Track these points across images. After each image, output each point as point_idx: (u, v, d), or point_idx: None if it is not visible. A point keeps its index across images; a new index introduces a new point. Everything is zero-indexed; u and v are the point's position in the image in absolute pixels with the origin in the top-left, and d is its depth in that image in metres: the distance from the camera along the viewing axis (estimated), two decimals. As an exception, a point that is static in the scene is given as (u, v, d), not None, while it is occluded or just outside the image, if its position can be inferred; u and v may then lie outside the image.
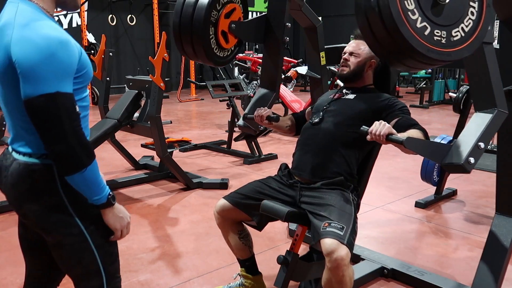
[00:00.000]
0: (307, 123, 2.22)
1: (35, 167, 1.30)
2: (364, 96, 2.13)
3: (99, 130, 4.00)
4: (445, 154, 1.71)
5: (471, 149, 1.68)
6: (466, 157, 1.66)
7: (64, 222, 1.32)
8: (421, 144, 1.70)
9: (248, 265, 2.25)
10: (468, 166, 1.66)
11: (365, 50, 2.14)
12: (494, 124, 1.81)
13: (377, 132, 1.68)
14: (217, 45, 2.32)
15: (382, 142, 1.69)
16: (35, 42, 1.19)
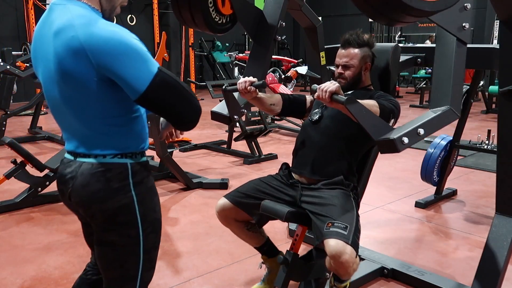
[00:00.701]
0: (307, 120, 2.21)
1: (110, 167, 1.30)
2: (361, 93, 2.12)
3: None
4: (383, 132, 1.65)
5: (409, 130, 1.64)
6: (400, 135, 1.61)
7: (129, 223, 1.33)
8: (363, 111, 1.65)
9: (266, 250, 2.25)
10: (399, 145, 1.60)
11: (357, 57, 2.10)
12: (441, 118, 1.77)
13: (325, 88, 1.67)
14: (215, 10, 2.28)
15: (327, 100, 1.67)
16: (112, 41, 1.19)
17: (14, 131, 6.66)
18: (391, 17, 1.53)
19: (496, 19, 8.84)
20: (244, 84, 2.03)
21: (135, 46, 1.21)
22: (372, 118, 1.67)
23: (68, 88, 1.25)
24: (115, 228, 1.33)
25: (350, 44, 2.11)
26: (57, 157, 3.82)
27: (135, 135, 1.35)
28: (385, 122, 1.71)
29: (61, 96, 1.27)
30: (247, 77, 2.06)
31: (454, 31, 1.85)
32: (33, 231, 3.16)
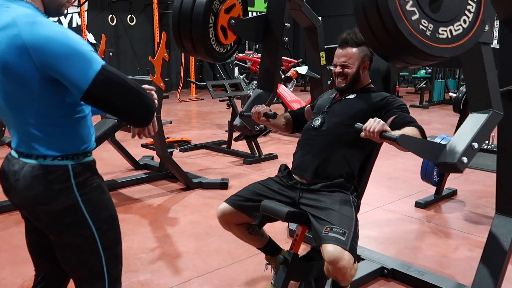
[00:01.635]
0: (307, 125, 2.21)
1: (51, 169, 1.29)
2: (364, 96, 2.13)
3: (99, 130, 4.00)
4: (439, 153, 1.70)
5: (465, 149, 1.68)
6: (459, 157, 1.65)
7: (77, 223, 1.32)
8: (415, 142, 1.68)
9: (269, 250, 2.26)
10: (461, 166, 1.65)
11: (355, 56, 2.10)
12: (489, 125, 1.80)
13: (371, 129, 1.67)
14: (216, 40, 2.30)
15: (376, 139, 1.68)
16: (55, 41, 1.18)
17: (14, 131, 6.65)
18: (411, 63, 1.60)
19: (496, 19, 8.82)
20: (257, 115, 2.22)
21: (77, 45, 1.21)
22: (424, 145, 1.73)
23: (9, 85, 1.25)
24: (66, 230, 1.33)
25: (348, 43, 2.11)
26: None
27: (77, 136, 1.34)
28: (436, 143, 1.79)
29: (2, 92, 1.27)
30: (260, 107, 2.22)
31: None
32: (33, 231, 3.15)
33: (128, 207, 3.65)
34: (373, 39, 1.58)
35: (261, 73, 2.64)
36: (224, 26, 2.31)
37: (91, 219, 1.33)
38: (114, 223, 1.41)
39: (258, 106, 2.24)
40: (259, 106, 2.24)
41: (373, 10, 1.50)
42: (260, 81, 2.62)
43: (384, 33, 1.51)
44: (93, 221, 1.34)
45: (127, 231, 3.17)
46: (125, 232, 3.14)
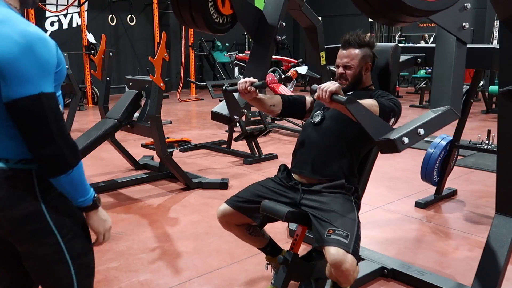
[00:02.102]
0: (308, 121, 2.20)
1: (13, 173, 1.22)
2: (361, 93, 2.12)
3: (99, 130, 4.00)
4: (384, 132, 1.65)
5: (409, 130, 1.64)
6: (400, 136, 1.60)
7: (41, 231, 1.25)
8: (363, 111, 1.64)
9: (269, 250, 2.26)
10: (400, 145, 1.59)
11: (358, 57, 2.10)
12: (442, 119, 1.77)
13: (325, 88, 1.67)
14: (215, 9, 2.28)
15: (326, 101, 1.67)
16: (13, 39, 1.13)
17: (14, 131, 6.65)
18: (391, 17, 1.53)
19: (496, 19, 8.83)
20: (244, 84, 2.01)
21: (38, 53, 1.15)
22: (372, 118, 1.66)
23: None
24: (30, 237, 1.26)
25: (351, 44, 2.11)
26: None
27: None
28: (385, 122, 1.71)
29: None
30: (248, 78, 2.05)
31: (454, 31, 1.85)
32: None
33: (128, 207, 3.65)
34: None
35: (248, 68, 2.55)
36: None
37: (56, 227, 1.26)
38: (81, 231, 1.34)
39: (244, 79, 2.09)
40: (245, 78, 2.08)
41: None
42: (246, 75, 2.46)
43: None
44: (57, 229, 1.26)
45: (127, 231, 3.17)
46: (125, 232, 3.14)
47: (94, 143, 3.92)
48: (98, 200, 1.33)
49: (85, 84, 9.69)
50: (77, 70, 9.57)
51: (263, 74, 2.47)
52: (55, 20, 10.08)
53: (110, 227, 1.39)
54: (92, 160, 4.89)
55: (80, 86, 8.05)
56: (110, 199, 3.82)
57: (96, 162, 4.95)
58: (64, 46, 9.87)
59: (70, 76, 5.93)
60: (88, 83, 9.71)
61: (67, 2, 9.82)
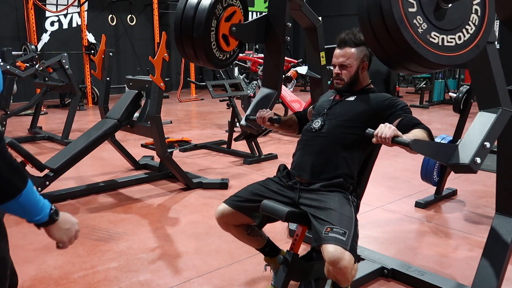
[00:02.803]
0: (307, 126, 2.21)
1: None
2: (364, 97, 2.12)
3: (99, 130, 4.00)
4: (451, 155, 1.71)
5: (477, 149, 1.68)
6: (472, 157, 1.66)
7: None
8: (427, 146, 1.70)
9: (267, 251, 2.26)
10: (474, 166, 1.67)
11: (354, 56, 2.09)
12: (499, 123, 1.80)
13: (383, 135, 1.69)
14: (218, 48, 2.32)
15: (388, 144, 1.71)
16: None
17: (14, 131, 6.66)
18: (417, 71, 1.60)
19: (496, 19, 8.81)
20: (262, 120, 2.29)
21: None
22: (434, 147, 1.75)
23: None
24: None
25: (347, 43, 2.10)
26: (57, 157, 3.82)
27: None
28: (446, 144, 1.83)
29: None
30: (265, 112, 2.28)
31: None
32: (33, 231, 3.13)
33: (128, 207, 3.65)
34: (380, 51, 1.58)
35: (265, 72, 2.67)
36: (226, 34, 2.33)
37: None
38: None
39: (262, 111, 2.29)
40: (263, 111, 2.29)
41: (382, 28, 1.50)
42: (265, 80, 2.65)
43: (390, 43, 1.51)
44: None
45: (127, 231, 3.17)
46: (125, 232, 3.14)
47: (94, 143, 3.92)
48: (56, 213, 1.24)
49: (85, 84, 9.69)
50: (77, 70, 9.57)
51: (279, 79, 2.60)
52: (55, 20, 10.08)
53: (76, 231, 1.31)
54: (92, 160, 4.89)
55: (80, 86, 8.05)
56: (110, 199, 3.82)
57: (96, 162, 4.95)
58: (64, 46, 9.89)
59: (70, 76, 5.94)
60: (88, 83, 9.71)
61: (67, 2, 9.83)
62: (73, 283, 2.47)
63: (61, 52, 6.57)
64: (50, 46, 10.00)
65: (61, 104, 9.42)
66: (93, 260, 2.73)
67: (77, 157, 3.82)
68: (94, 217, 3.41)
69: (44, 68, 5.88)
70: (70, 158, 3.75)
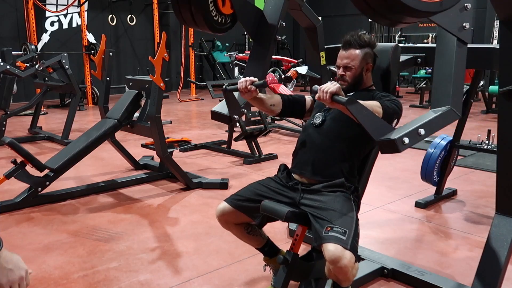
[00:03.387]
0: (308, 122, 2.20)
1: None
2: (362, 94, 2.12)
3: (99, 130, 4.00)
4: (384, 132, 1.65)
5: (409, 131, 1.64)
6: (401, 136, 1.61)
7: None
8: (364, 112, 1.65)
9: (267, 251, 2.26)
10: (400, 145, 1.60)
11: (358, 58, 2.09)
12: (442, 119, 1.77)
13: (325, 89, 1.68)
14: (215, 8, 2.28)
15: (327, 101, 1.68)
16: None
17: (14, 131, 6.66)
18: (391, 18, 1.53)
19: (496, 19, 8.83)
20: (245, 83, 2.03)
21: None
22: (373, 119, 1.67)
23: None
24: None
25: (351, 45, 2.10)
26: (57, 157, 3.82)
27: None
28: (386, 123, 1.72)
29: None
30: (248, 77, 2.06)
31: (455, 31, 1.85)
32: (33, 231, 3.16)
33: (128, 207, 3.64)
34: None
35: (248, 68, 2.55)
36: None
37: None
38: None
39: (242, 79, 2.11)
40: (243, 78, 2.10)
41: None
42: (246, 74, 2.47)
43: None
44: None
45: (127, 231, 3.17)
46: (125, 232, 3.14)
47: (94, 143, 3.92)
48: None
49: (85, 84, 9.69)
50: (77, 70, 9.57)
51: (263, 73, 2.48)
52: (55, 20, 10.08)
53: (20, 277, 1.13)
54: (92, 160, 4.89)
55: (80, 86, 8.05)
56: (110, 199, 3.82)
57: (96, 162, 4.95)
58: (64, 46, 9.89)
59: (70, 76, 5.94)
60: (88, 83, 9.71)
61: (67, 2, 9.83)
62: (73, 283, 2.47)
63: (61, 52, 6.56)
64: (50, 46, 10.00)
65: (61, 104, 9.42)
66: (93, 260, 2.73)
67: (77, 157, 3.83)
68: (94, 217, 3.41)
69: (44, 68, 5.87)
70: (70, 158, 3.76)
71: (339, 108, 1.73)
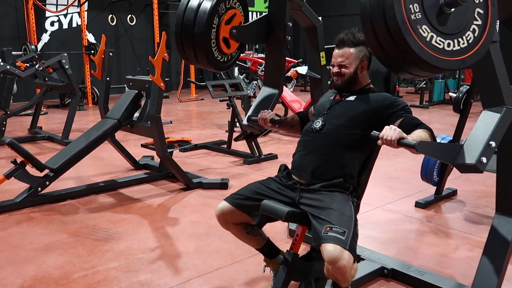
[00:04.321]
0: (308, 126, 2.20)
1: None
2: (364, 97, 2.12)
3: (99, 130, 4.00)
4: (457, 155, 1.71)
5: (483, 149, 1.68)
6: (478, 157, 1.66)
7: None
8: (433, 147, 1.70)
9: (267, 251, 2.26)
10: (480, 166, 1.66)
11: (353, 56, 2.09)
12: (504, 122, 1.80)
13: (389, 137, 1.69)
14: (218, 50, 2.33)
15: (394, 146, 1.71)
16: None
17: (14, 131, 6.66)
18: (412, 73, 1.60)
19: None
20: (263, 121, 2.31)
21: None
22: (440, 148, 1.75)
23: None
24: None
25: (345, 43, 2.10)
26: (57, 157, 3.82)
27: None
28: (451, 145, 1.84)
29: None
30: (266, 113, 2.30)
31: None
32: (33, 231, 3.16)
33: (128, 207, 3.65)
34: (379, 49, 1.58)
35: (267, 71, 2.69)
36: (226, 37, 2.34)
37: None
38: None
39: (264, 112, 2.31)
40: (265, 112, 2.31)
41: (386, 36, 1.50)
42: (266, 79, 2.66)
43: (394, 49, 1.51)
44: None
45: (127, 231, 3.17)
46: (125, 232, 3.14)
47: (94, 143, 3.92)
48: None
49: (85, 84, 9.69)
50: (77, 70, 9.57)
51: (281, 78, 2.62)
52: (55, 20, 10.08)
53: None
54: (92, 160, 4.89)
55: (80, 86, 8.05)
56: (110, 199, 3.82)
57: (96, 162, 4.96)
58: (64, 46, 9.89)
59: (70, 76, 5.95)
60: (88, 83, 9.71)
61: (67, 2, 9.83)
62: (73, 283, 2.47)
63: (61, 52, 6.56)
64: (50, 46, 10.00)
65: (61, 104, 9.42)
66: (93, 260, 2.73)
67: (77, 157, 3.83)
68: (94, 217, 3.41)
69: (44, 68, 5.88)
70: (70, 158, 3.76)
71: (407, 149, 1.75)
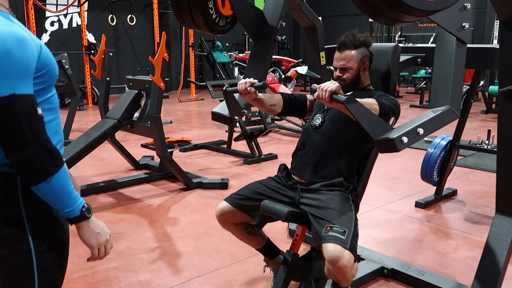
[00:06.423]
0: (308, 124, 2.21)
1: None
2: (360, 93, 2.12)
3: (99, 130, 4.00)
4: (383, 131, 1.65)
5: (408, 130, 1.64)
6: (400, 135, 1.60)
7: (15, 237, 1.20)
8: (363, 111, 1.64)
9: (267, 251, 2.26)
10: (399, 144, 1.60)
11: (354, 59, 2.09)
12: (441, 119, 1.77)
13: (325, 88, 1.68)
14: (215, 10, 2.28)
15: (326, 100, 1.68)
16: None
17: (14, 131, 6.65)
18: (390, 16, 1.53)
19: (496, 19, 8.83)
20: (245, 85, 2.02)
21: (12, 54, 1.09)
22: (372, 118, 1.66)
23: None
24: (3, 241, 1.20)
25: (346, 46, 2.10)
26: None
27: None
28: (385, 122, 1.71)
29: None
30: (248, 78, 2.06)
31: (454, 31, 1.85)
32: (33, 231, 3.15)
33: (128, 207, 3.65)
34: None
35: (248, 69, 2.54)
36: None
37: (32, 235, 1.20)
38: (57, 244, 1.27)
39: (242, 80, 2.10)
40: (243, 80, 2.10)
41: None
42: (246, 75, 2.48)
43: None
44: (33, 238, 1.20)
45: (127, 231, 3.17)
46: (125, 232, 3.14)
47: (94, 143, 3.92)
48: (88, 211, 1.25)
49: (85, 84, 9.70)
50: (77, 70, 9.57)
51: (263, 74, 2.48)
52: (55, 20, 10.07)
53: (106, 240, 1.33)
54: (92, 160, 4.89)
55: (80, 86, 8.05)
56: (110, 199, 3.82)
57: (96, 162, 4.95)
58: (64, 46, 9.88)
59: (70, 76, 5.94)
60: (88, 83, 9.72)
61: (67, 2, 9.83)
62: (73, 283, 2.47)
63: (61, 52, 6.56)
64: (50, 46, 9.93)
65: (61, 104, 9.42)
66: (93, 260, 2.73)
67: (77, 157, 3.82)
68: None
69: (44, 68, 5.87)
70: (70, 158, 3.75)
71: (338, 108, 1.73)
